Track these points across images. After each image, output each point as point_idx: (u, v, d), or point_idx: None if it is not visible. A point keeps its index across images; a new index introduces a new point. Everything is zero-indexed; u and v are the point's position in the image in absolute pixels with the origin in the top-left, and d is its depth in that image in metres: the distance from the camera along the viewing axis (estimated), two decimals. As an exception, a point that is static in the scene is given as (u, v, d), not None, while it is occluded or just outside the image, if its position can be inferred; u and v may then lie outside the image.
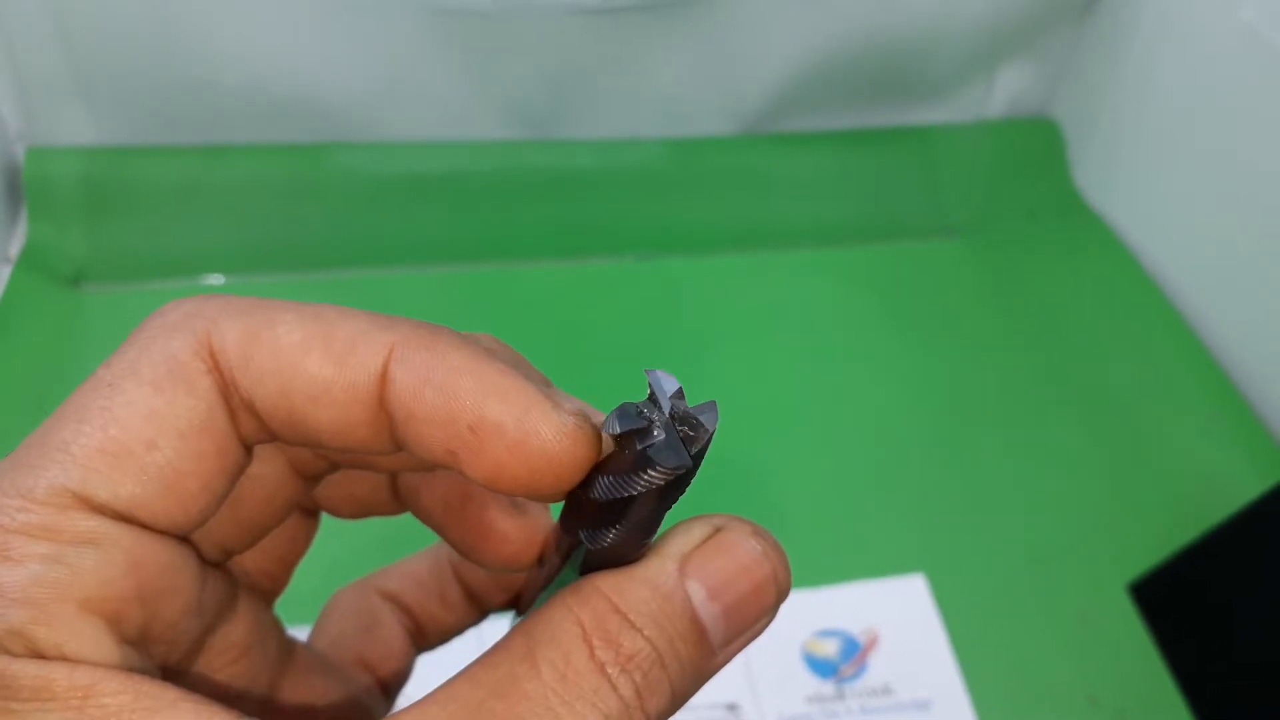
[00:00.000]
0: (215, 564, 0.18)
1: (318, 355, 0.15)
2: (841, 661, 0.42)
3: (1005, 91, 0.64)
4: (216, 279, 0.54)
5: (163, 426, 0.14)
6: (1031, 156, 0.65)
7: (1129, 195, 0.61)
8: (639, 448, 0.14)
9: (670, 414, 0.14)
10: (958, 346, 0.55)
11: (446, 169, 0.57)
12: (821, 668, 0.42)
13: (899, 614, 0.44)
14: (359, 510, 0.21)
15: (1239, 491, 0.46)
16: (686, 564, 0.15)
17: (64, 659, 0.13)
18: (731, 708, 0.40)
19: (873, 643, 0.43)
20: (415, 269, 0.56)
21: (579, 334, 0.53)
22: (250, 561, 0.20)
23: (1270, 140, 0.51)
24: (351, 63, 0.53)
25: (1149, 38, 0.58)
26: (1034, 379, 0.54)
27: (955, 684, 0.42)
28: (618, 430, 0.14)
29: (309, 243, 0.56)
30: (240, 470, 0.16)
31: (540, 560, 0.19)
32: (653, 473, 0.14)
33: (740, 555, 0.16)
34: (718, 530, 0.16)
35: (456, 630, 0.23)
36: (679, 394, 0.15)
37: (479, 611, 0.22)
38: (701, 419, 0.15)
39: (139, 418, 0.14)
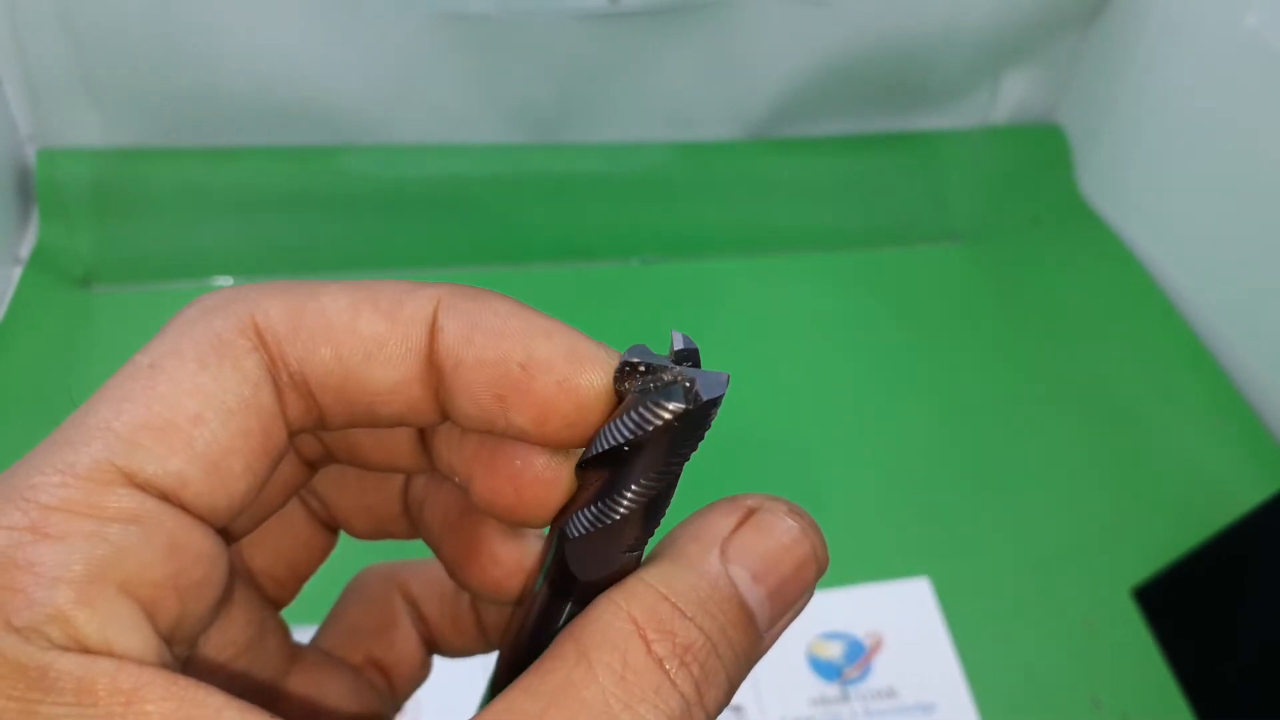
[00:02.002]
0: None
1: (367, 313, 0.15)
2: (846, 664, 0.42)
3: (1010, 97, 0.64)
4: (225, 280, 0.54)
5: (209, 402, 0.14)
6: (1037, 162, 0.65)
7: (1134, 201, 0.61)
8: (643, 386, 0.15)
9: (681, 367, 0.15)
10: (962, 351, 0.55)
11: (453, 172, 0.58)
12: (826, 670, 0.42)
13: (904, 617, 0.44)
14: (373, 526, 0.20)
15: (1242, 497, 0.46)
16: (727, 548, 0.15)
17: (109, 653, 0.12)
18: (736, 710, 0.41)
19: (877, 645, 0.43)
20: (421, 272, 0.56)
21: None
22: (259, 563, 0.20)
23: (1275, 146, 0.51)
24: (358, 66, 0.54)
25: (1154, 44, 0.58)
26: (1039, 384, 0.54)
27: (959, 687, 0.42)
28: (632, 359, 0.15)
29: (316, 245, 0.56)
30: (280, 456, 0.15)
31: (521, 600, 0.18)
32: (652, 411, 0.14)
33: (780, 535, 0.15)
34: (752, 511, 0.16)
35: (465, 654, 0.22)
36: (695, 354, 0.15)
37: (486, 645, 0.22)
38: (712, 381, 0.14)
39: (184, 394, 0.14)
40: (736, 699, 0.41)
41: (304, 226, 0.56)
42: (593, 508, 0.15)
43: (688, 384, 0.14)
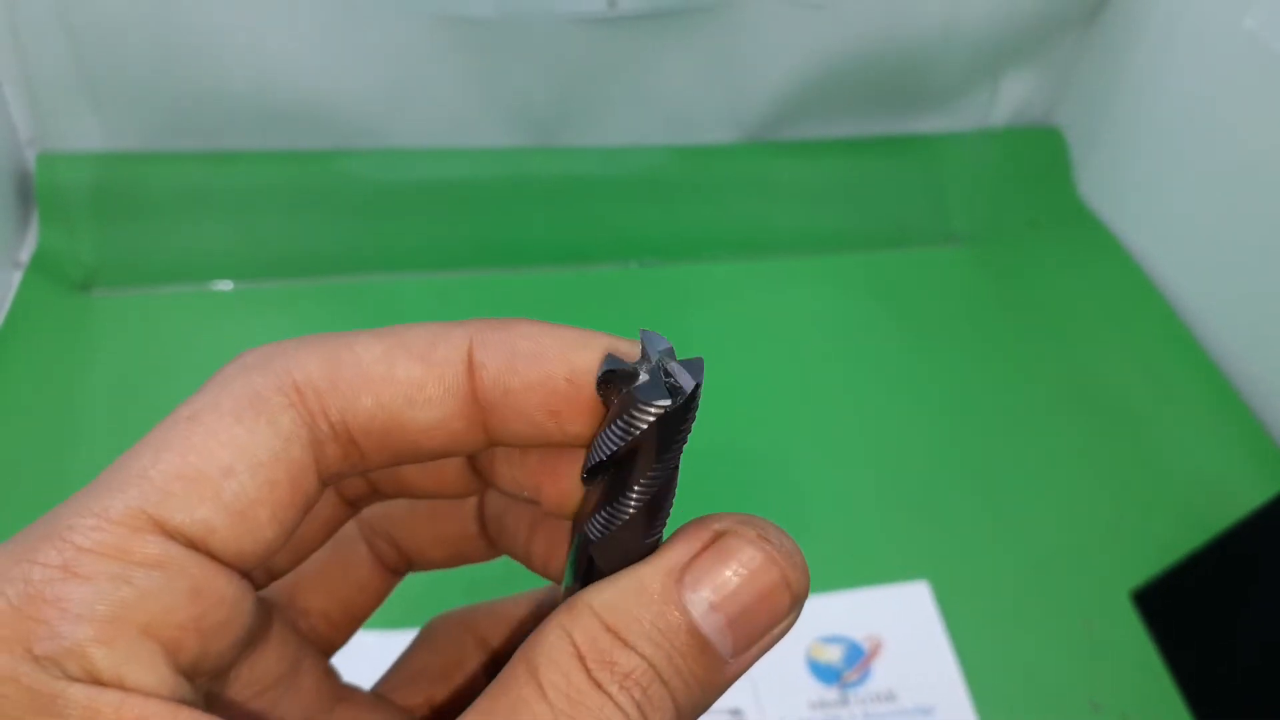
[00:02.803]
0: (258, 587, 0.18)
1: (402, 360, 0.16)
2: (845, 667, 0.42)
3: (1009, 100, 0.64)
4: (225, 285, 0.54)
5: (240, 454, 0.15)
6: (1036, 165, 0.65)
7: (1133, 203, 0.62)
8: (624, 391, 0.15)
9: (657, 364, 0.15)
10: (962, 354, 0.55)
11: (452, 175, 0.58)
12: (825, 673, 0.42)
13: (903, 620, 0.44)
14: (449, 553, 0.21)
15: (1242, 499, 0.46)
16: (685, 574, 0.15)
17: (120, 686, 0.13)
18: (735, 713, 0.41)
19: (876, 649, 0.43)
20: (421, 275, 0.56)
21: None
22: (315, 603, 0.20)
23: (1274, 149, 0.51)
24: (358, 70, 0.54)
25: (1153, 46, 0.58)
26: (1038, 386, 0.54)
27: (959, 690, 0.42)
28: (607, 368, 0.15)
29: (316, 248, 0.56)
30: (310, 504, 0.16)
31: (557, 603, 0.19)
32: (636, 413, 0.15)
33: (743, 561, 0.15)
34: (718, 535, 0.16)
35: None
36: (669, 351, 0.15)
37: None
38: (687, 369, 0.15)
39: (217, 445, 0.15)
40: (735, 703, 0.41)
41: (304, 230, 0.56)
42: (604, 511, 0.16)
43: (667, 379, 0.15)
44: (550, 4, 0.52)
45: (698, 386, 0.15)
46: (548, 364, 0.16)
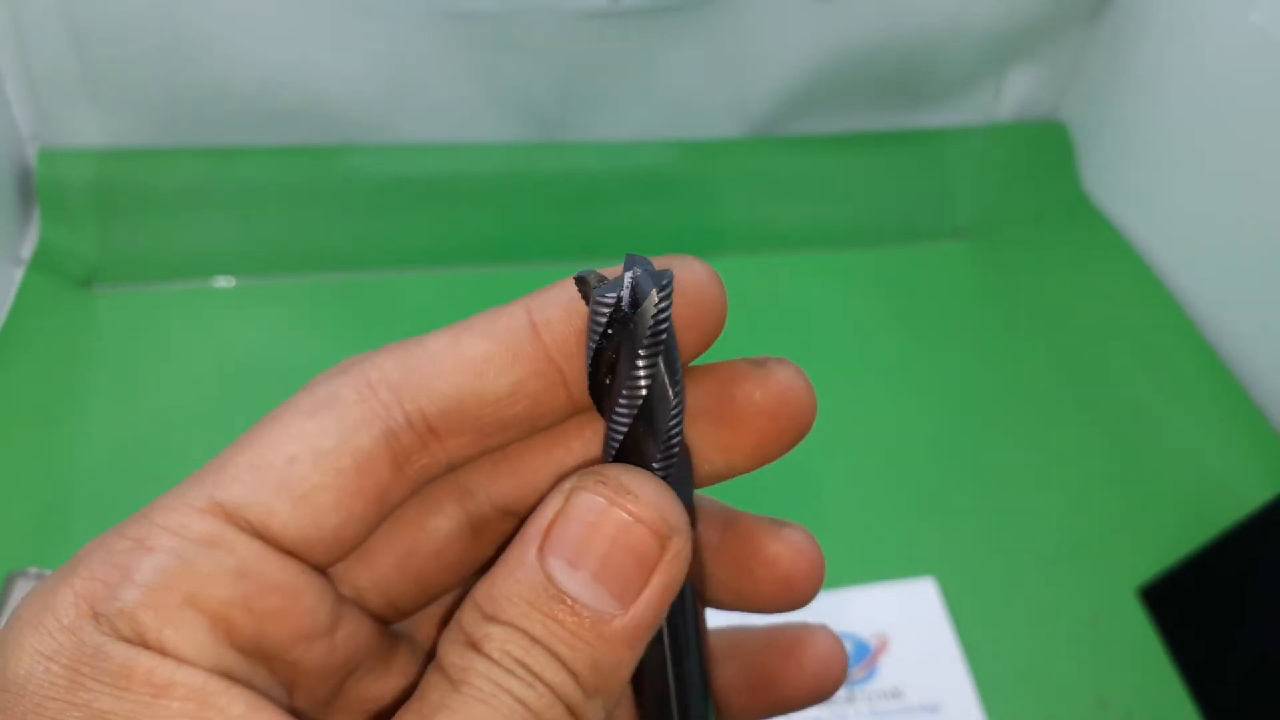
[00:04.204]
0: (383, 620, 0.18)
1: (467, 339, 0.17)
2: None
3: (1014, 95, 0.64)
4: (227, 281, 0.54)
5: (306, 444, 0.16)
6: (1040, 160, 0.65)
7: (1138, 198, 0.61)
8: (598, 294, 0.16)
9: (626, 273, 0.16)
10: (967, 349, 0.55)
11: (455, 171, 0.58)
12: (831, 670, 0.42)
13: (909, 617, 0.44)
14: None
15: (1248, 495, 0.46)
16: (545, 543, 0.16)
17: (162, 650, 0.14)
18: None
19: (883, 646, 0.43)
20: (424, 271, 0.56)
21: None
22: None
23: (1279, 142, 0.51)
24: (361, 65, 0.54)
25: (1158, 41, 0.58)
26: (1043, 382, 0.54)
27: (965, 687, 0.42)
28: (579, 274, 0.16)
29: (319, 245, 0.56)
30: (384, 495, 0.16)
31: None
32: (594, 313, 0.16)
33: (584, 514, 0.16)
34: (569, 495, 0.16)
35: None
36: (646, 263, 0.16)
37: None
38: (651, 277, 0.16)
39: (287, 438, 0.16)
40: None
41: (307, 226, 0.56)
42: (607, 431, 0.17)
43: (631, 281, 0.16)
44: (554, -2, 0.52)
45: (660, 289, 0.16)
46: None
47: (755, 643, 0.21)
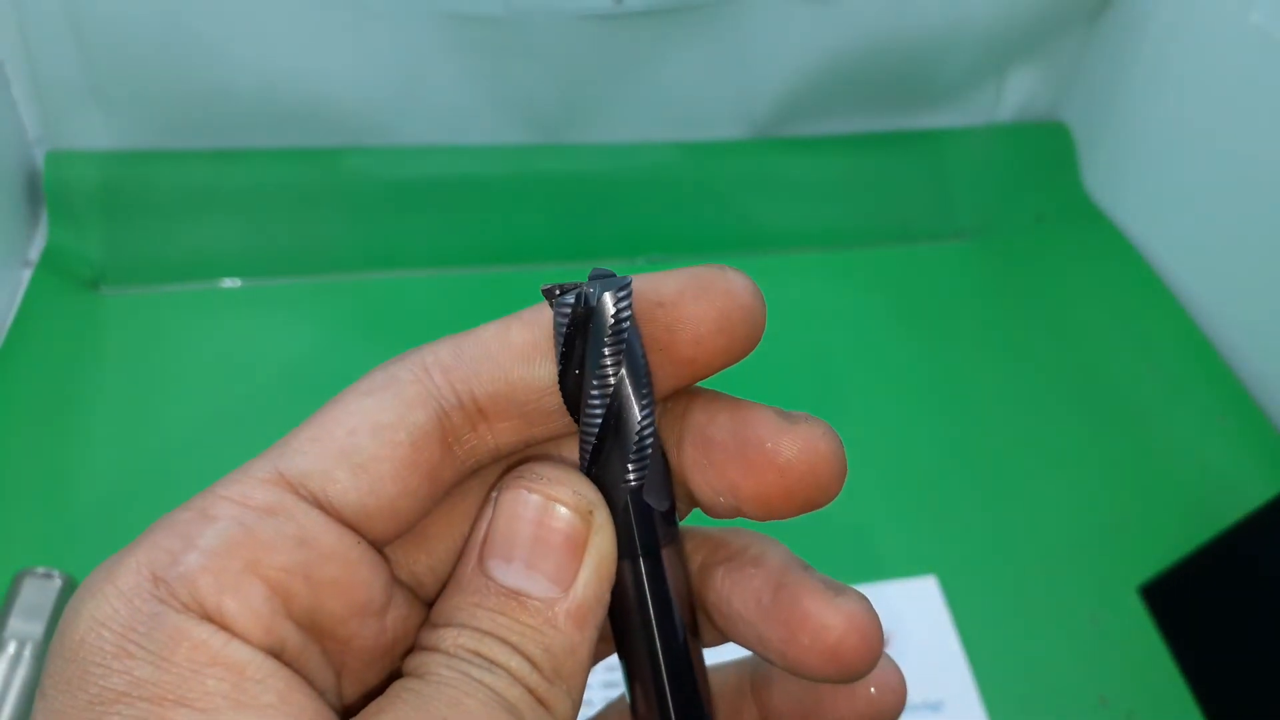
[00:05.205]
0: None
1: (516, 328, 0.18)
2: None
3: (1015, 95, 0.64)
4: (233, 282, 0.54)
5: (365, 418, 0.16)
6: (1041, 160, 0.65)
7: (1138, 198, 0.61)
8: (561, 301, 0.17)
9: (589, 282, 0.17)
10: (968, 349, 0.55)
11: (459, 173, 0.58)
12: (833, 668, 0.42)
13: (911, 615, 0.44)
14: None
15: (1249, 494, 0.46)
16: (484, 548, 0.17)
17: (220, 616, 0.14)
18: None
19: (885, 644, 0.43)
20: (429, 272, 0.56)
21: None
22: None
23: (1281, 144, 0.51)
24: (365, 68, 0.54)
25: (1159, 41, 0.58)
26: (1044, 381, 0.54)
27: (967, 685, 0.42)
28: (545, 286, 0.17)
29: (324, 246, 0.56)
30: (436, 472, 0.17)
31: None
32: (556, 309, 0.17)
33: (504, 509, 0.17)
34: (495, 501, 0.17)
35: None
36: (608, 275, 0.17)
37: None
38: (606, 284, 0.17)
39: (348, 414, 0.16)
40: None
41: (311, 227, 0.56)
42: (580, 435, 0.17)
43: (589, 287, 0.17)
44: (557, 1, 0.52)
45: (617, 291, 0.16)
46: (644, 296, 0.18)
47: None
